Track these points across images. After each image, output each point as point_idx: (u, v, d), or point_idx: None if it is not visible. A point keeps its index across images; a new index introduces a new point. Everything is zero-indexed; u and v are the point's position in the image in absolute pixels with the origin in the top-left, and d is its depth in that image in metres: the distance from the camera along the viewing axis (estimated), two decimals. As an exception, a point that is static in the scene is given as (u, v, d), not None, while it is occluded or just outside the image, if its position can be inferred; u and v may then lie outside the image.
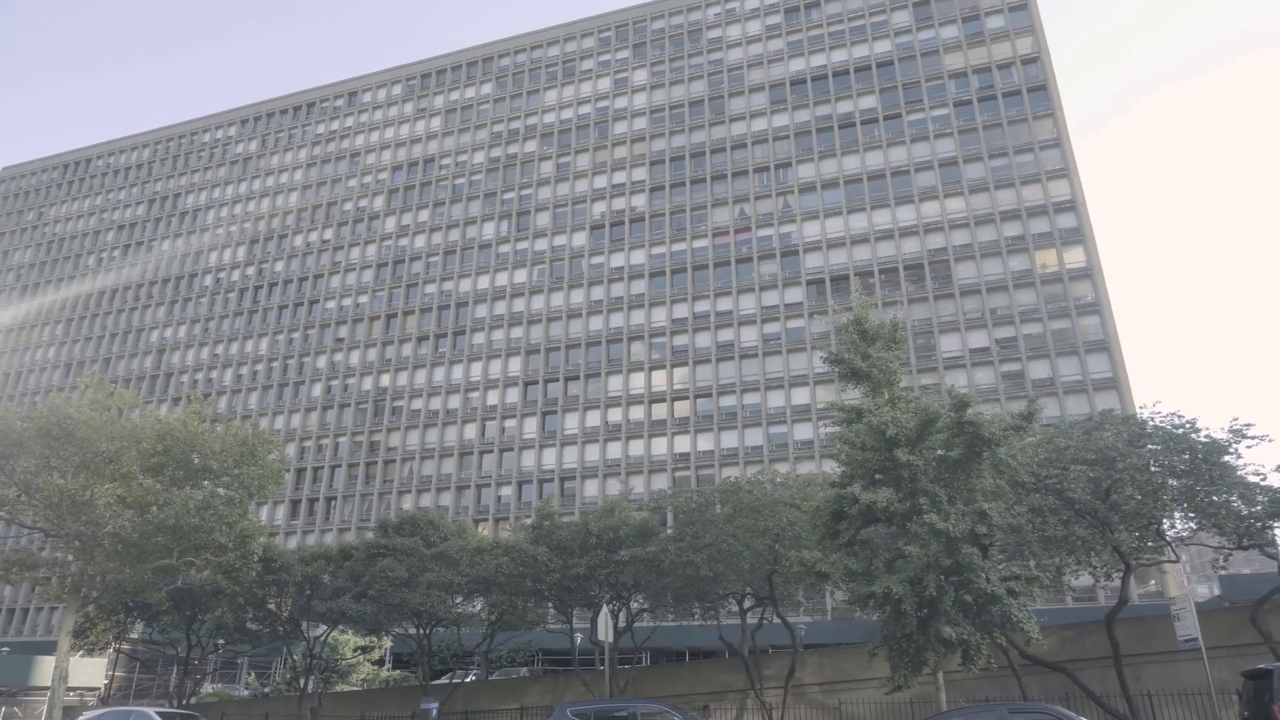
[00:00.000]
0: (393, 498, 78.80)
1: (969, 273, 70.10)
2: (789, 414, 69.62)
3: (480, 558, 28.28)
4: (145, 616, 32.37)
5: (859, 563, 19.66)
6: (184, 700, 33.98)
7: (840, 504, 19.91)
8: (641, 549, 24.68)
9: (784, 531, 25.08)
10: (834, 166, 77.70)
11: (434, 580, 26.73)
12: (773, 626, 31.30)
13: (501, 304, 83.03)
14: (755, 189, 79.21)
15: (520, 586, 26.47)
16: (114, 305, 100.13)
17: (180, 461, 28.17)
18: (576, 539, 26.43)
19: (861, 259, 73.43)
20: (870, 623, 56.53)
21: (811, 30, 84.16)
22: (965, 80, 76.75)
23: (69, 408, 26.23)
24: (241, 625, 34.92)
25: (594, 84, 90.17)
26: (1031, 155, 71.96)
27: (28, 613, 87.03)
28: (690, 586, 25.28)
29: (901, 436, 19.23)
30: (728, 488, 26.35)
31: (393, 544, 28.04)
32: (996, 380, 65.73)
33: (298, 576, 29.58)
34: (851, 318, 22.82)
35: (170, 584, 31.47)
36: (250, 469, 27.80)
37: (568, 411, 76.34)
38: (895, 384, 21.84)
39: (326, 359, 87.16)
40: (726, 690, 28.66)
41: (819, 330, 70.94)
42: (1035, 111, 73.27)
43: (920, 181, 74.40)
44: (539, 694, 30.20)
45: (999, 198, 71.53)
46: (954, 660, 21.23)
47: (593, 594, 26.46)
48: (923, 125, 76.33)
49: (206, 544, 27.44)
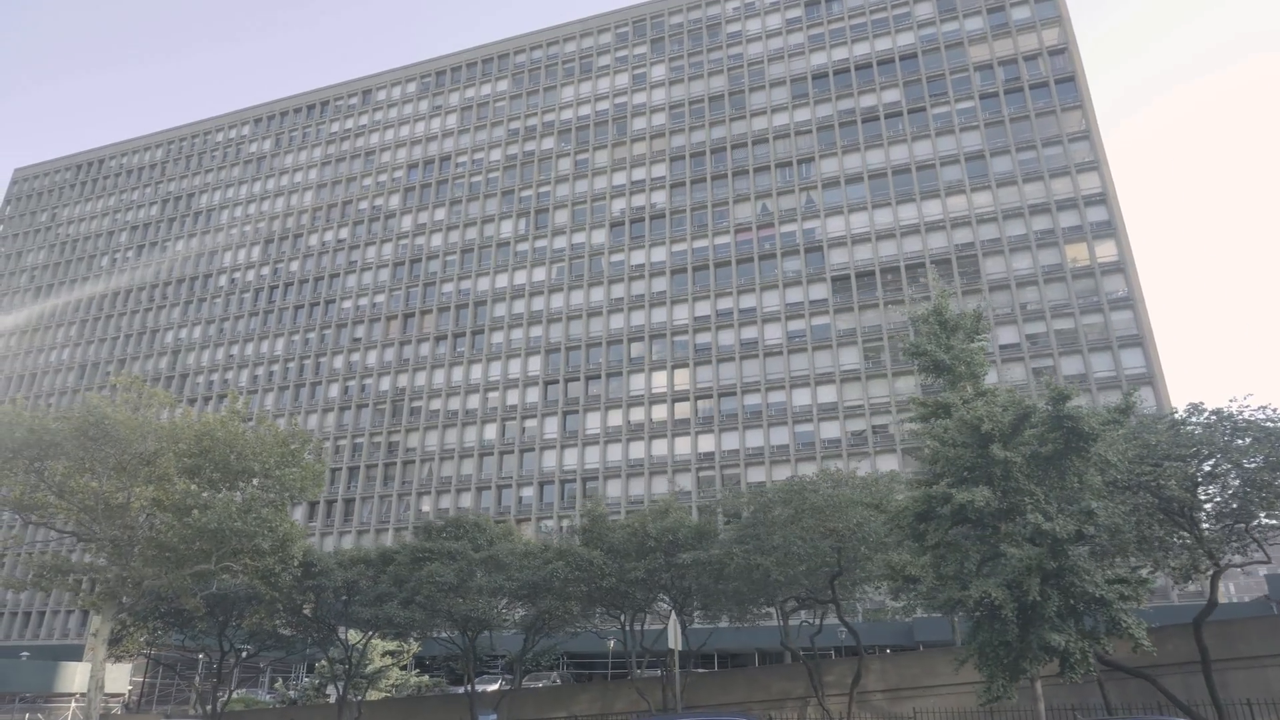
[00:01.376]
0: (412, 499, 77.88)
1: (998, 267, 68.92)
2: (815, 412, 68.53)
3: (527, 561, 27.30)
4: (178, 623, 31.43)
5: (949, 565, 18.60)
6: (217, 708, 33.04)
7: (929, 504, 18.84)
8: (704, 552, 23.65)
9: (851, 532, 24.04)
10: (857, 161, 76.59)
11: (485, 585, 25.75)
12: (819, 630, 30.20)
13: (520, 303, 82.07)
14: (777, 184, 78.13)
15: (575, 591, 25.46)
16: (128, 306, 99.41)
17: (218, 463, 27.22)
18: (631, 542, 25.41)
19: (887, 254, 72.30)
20: (899, 624, 55.54)
21: (832, 23, 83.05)
22: (991, 72, 75.58)
23: (106, 407, 25.29)
24: (273, 631, 33.97)
25: (612, 80, 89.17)
26: (1060, 148, 70.77)
27: (44, 616, 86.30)
28: (757, 590, 24.28)
29: (996, 432, 18.17)
30: (791, 488, 25.32)
31: (439, 547, 27.05)
32: (1027, 376, 64.51)
33: (337, 581, 28.61)
34: (930, 308, 21.73)
35: (205, 589, 30.51)
36: (291, 470, 26.83)
37: (589, 411, 75.34)
38: (981, 377, 20.78)
39: (343, 359, 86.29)
40: (785, 697, 27.61)
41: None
42: (1063, 103, 72.07)
43: (946, 175, 73.26)
44: (588, 701, 29.19)
45: (1027, 191, 70.36)
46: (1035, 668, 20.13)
47: (650, 598, 25.47)
48: (948, 119, 75.18)
49: (246, 548, 26.48)
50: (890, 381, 67.83)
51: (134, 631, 32.05)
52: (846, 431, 67.36)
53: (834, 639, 46.60)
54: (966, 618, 19.72)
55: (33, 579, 27.00)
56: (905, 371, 67.76)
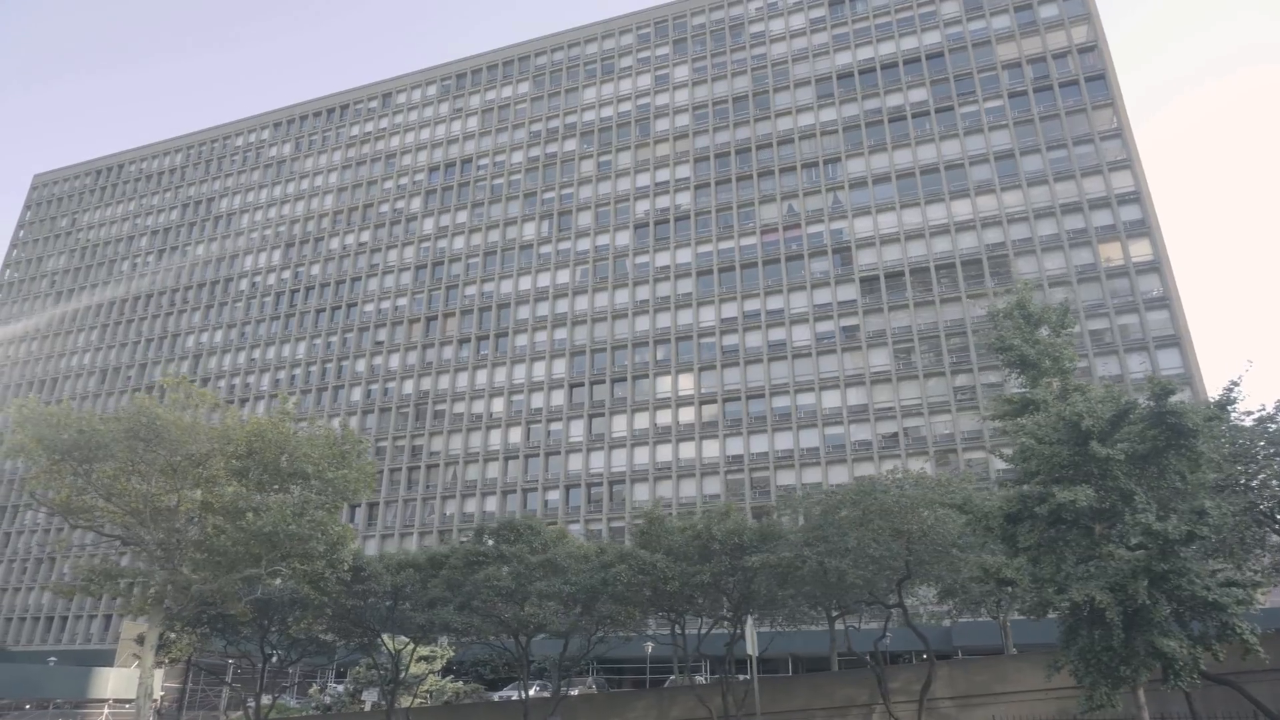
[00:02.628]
0: (436, 503, 77.38)
1: (1029, 267, 68.06)
2: (845, 414, 67.74)
3: (582, 564, 26.66)
4: (223, 628, 30.84)
5: (1045, 567, 17.87)
6: (260, 714, 32.47)
7: (1024, 503, 18.12)
8: (772, 554, 22.97)
9: (923, 534, 23.32)
10: (885, 161, 75.87)
11: (545, 590, 25.10)
12: (884, 635, 29.43)
13: (544, 305, 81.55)
14: (804, 185, 77.46)
15: (637, 595, 24.82)
16: (149, 310, 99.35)
17: (266, 464, 26.68)
18: (693, 545, 24.74)
19: (916, 255, 71.51)
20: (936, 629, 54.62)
21: (857, 23, 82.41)
22: (1019, 71, 74.78)
23: (157, 407, 24.77)
24: (314, 637, 33.41)
25: (634, 81, 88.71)
26: (1091, 146, 69.90)
27: (67, 621, 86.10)
28: (830, 593, 23.59)
29: (1095, 428, 17.46)
30: (860, 489, 24.61)
31: (496, 551, 26.43)
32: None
33: (387, 585, 28.01)
34: (1014, 301, 21.05)
35: (250, 594, 29.97)
36: (342, 472, 26.27)
37: (615, 414, 74.72)
38: (1069, 372, 20.06)
39: (366, 362, 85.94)
40: (849, 705, 26.87)
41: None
42: (1094, 101, 71.22)
43: (975, 175, 72.47)
44: (644, 708, 28.50)
45: (1059, 190, 69.50)
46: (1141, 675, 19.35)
47: (714, 603, 24.80)
48: (976, 117, 74.41)
49: (297, 552, 25.92)
50: (922, 383, 67.00)
51: (185, 638, 31.46)
52: (877, 434, 66.55)
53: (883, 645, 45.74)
54: (1059, 622, 18.95)
55: (82, 584, 26.50)
56: (936, 372, 66.99)
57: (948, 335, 67.75)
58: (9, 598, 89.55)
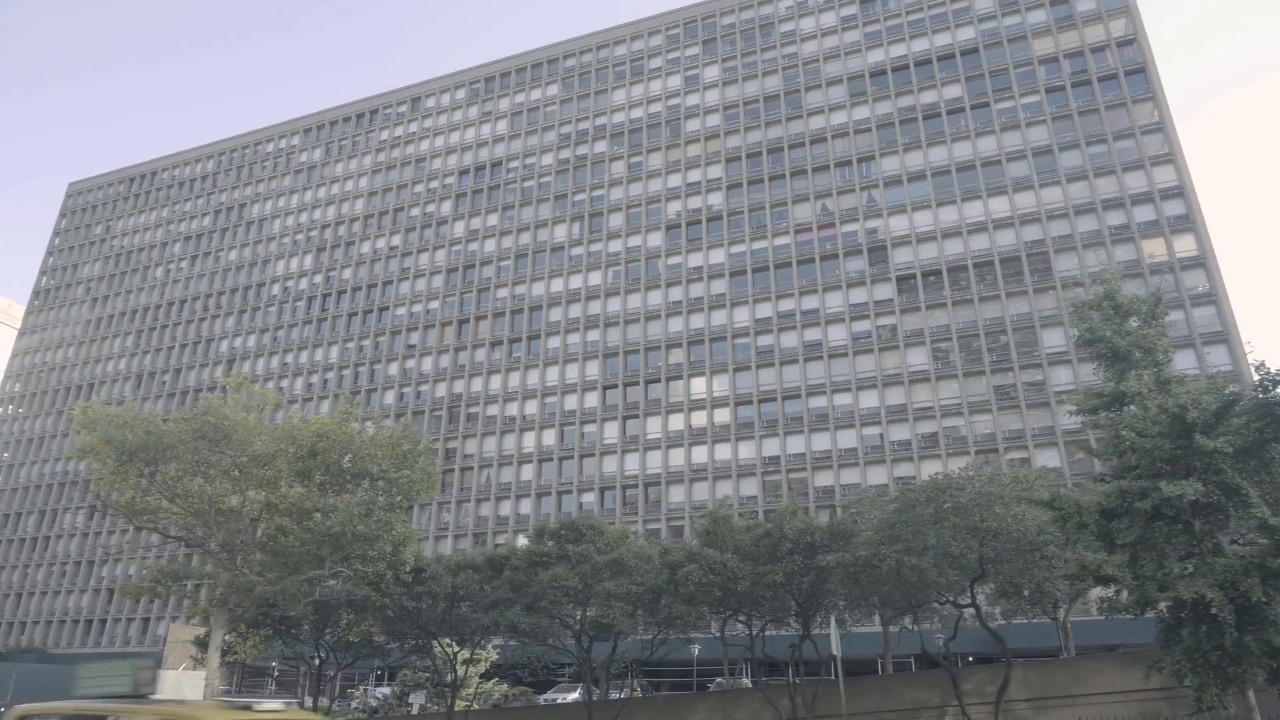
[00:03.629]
0: (470, 505, 77.38)
1: (1070, 264, 67.13)
2: (883, 414, 67.06)
3: (646, 564, 26.36)
4: (285, 630, 30.77)
5: (1146, 564, 17.36)
6: (316, 717, 32.34)
7: (1123, 498, 17.62)
8: (849, 553, 22.56)
9: (1005, 532, 22.81)
10: (920, 158, 75.17)
11: (613, 590, 24.82)
12: (954, 636, 28.89)
13: (576, 307, 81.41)
14: (837, 184, 76.88)
15: (707, 596, 24.49)
16: (183, 316, 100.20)
17: (328, 465, 26.58)
18: (763, 544, 24.37)
19: (954, 253, 70.76)
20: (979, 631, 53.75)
21: (889, 20, 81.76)
22: (1056, 65, 73.87)
23: (225, 408, 24.75)
24: (369, 639, 33.28)
25: (663, 82, 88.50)
26: (1132, 141, 68.89)
27: (104, 624, 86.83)
28: (909, 592, 23.17)
29: (1200, 421, 16.95)
30: (936, 486, 24.15)
31: (560, 551, 26.19)
32: (1104, 376, 62.57)
33: (447, 587, 27.81)
34: (1102, 291, 20.53)
35: (309, 596, 29.89)
36: (406, 472, 26.13)
37: (649, 415, 74.42)
38: (1164, 364, 19.54)
39: (398, 366, 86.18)
40: (920, 707, 26.37)
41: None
42: (1134, 95, 70.20)
43: (1013, 171, 71.62)
44: (706, 711, 28.13)
45: (1099, 186, 68.53)
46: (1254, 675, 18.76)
47: (785, 603, 24.43)
48: (1013, 113, 73.56)
49: (359, 553, 25.79)
50: (961, 382, 66.24)
51: (247, 638, 31.45)
52: (916, 434, 65.84)
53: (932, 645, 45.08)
54: (1157, 621, 18.44)
55: (149, 585, 26.51)
56: (976, 371, 66.21)
57: (987, 334, 66.96)
58: (49, 601, 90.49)
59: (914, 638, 40.04)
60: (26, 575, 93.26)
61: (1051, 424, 62.76)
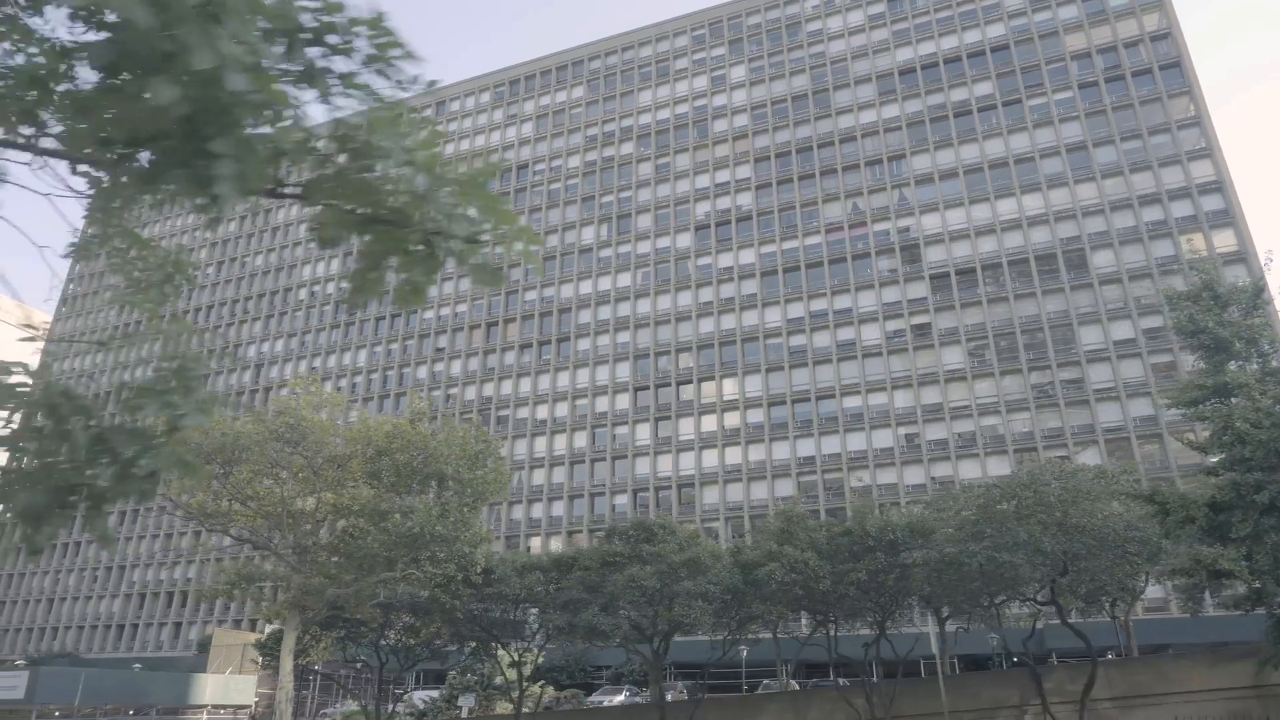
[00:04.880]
0: (503, 508, 77.24)
1: (1107, 261, 66.60)
2: (919, 414, 66.64)
3: (718, 563, 26.17)
4: (350, 633, 30.66)
5: (1263, 558, 17.05)
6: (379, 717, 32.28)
7: (1237, 492, 17.33)
8: (935, 551, 22.31)
9: (1096, 527, 22.48)
10: (951, 156, 74.76)
11: (692, 589, 24.62)
12: (1032, 634, 28.53)
13: (606, 309, 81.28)
14: (868, 182, 76.54)
15: (788, 595, 24.26)
16: (210, 321, 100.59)
17: (399, 466, 26.49)
18: (843, 542, 24.14)
19: (987, 250, 70.32)
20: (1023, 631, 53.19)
21: (917, 18, 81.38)
22: (1089, 61, 73.33)
23: (301, 409, 24.70)
24: (429, 641, 33.15)
25: (690, 83, 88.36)
26: (1168, 135, 68.31)
27: (137, 629, 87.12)
28: (998, 589, 22.90)
29: (1319, 413, 16.66)
30: (1019, 482, 23.86)
31: (633, 551, 25.99)
32: (1146, 373, 62.17)
33: (516, 589, 27.67)
34: (1201, 282, 20.24)
35: (374, 599, 29.78)
36: (479, 473, 26.02)
37: (681, 417, 74.20)
38: (1270, 354, 19.24)
39: (427, 369, 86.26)
40: (997, 706, 26.06)
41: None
42: (1169, 90, 69.61)
43: (1046, 168, 71.12)
44: (777, 711, 27.90)
45: (1135, 181, 67.96)
46: None
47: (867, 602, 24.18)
48: (1045, 110, 73.05)
49: (431, 555, 25.67)
50: (998, 380, 65.77)
51: (324, 642, 31.37)
52: (954, 433, 65.40)
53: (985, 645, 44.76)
54: (1267, 616, 18.14)
55: (223, 586, 26.47)
56: (1013, 369, 65.73)
57: (1023, 332, 66.47)
58: (80, 606, 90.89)
59: (968, 640, 39.72)
60: (58, 581, 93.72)
61: (1091, 422, 62.19)
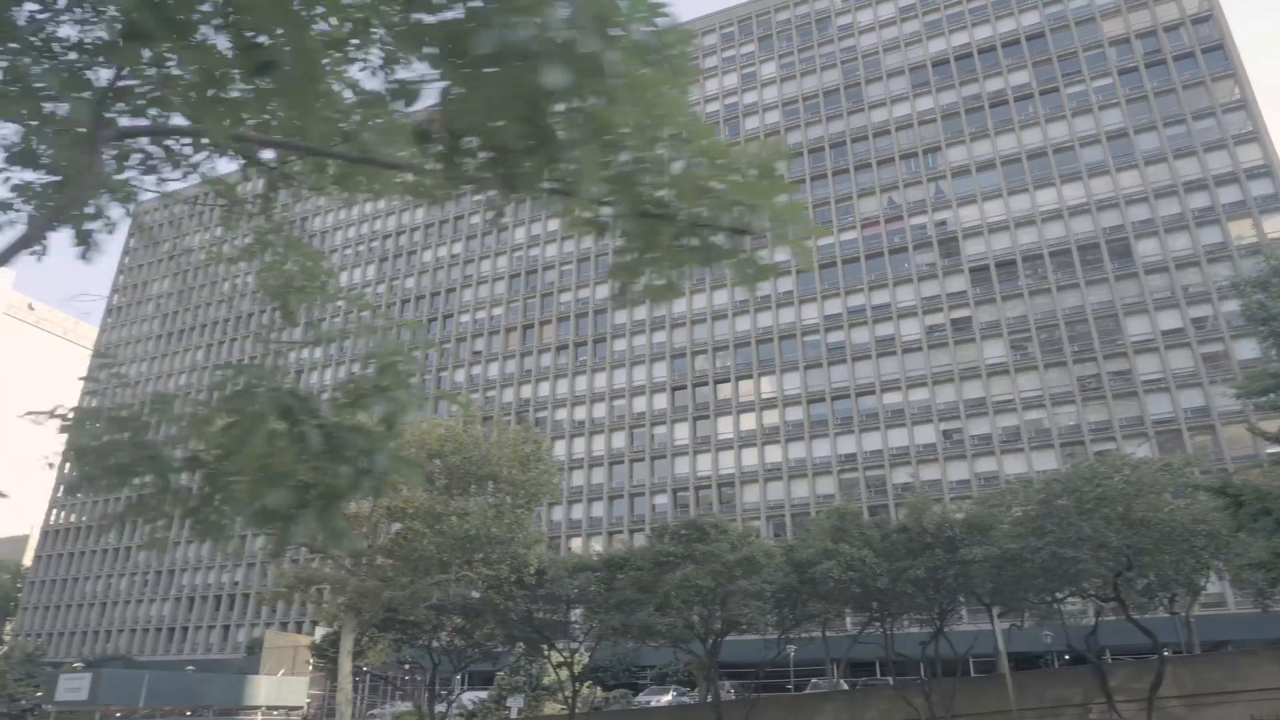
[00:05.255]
0: (543, 510, 77.40)
1: (1152, 249, 65.35)
2: (962, 409, 65.88)
3: (771, 561, 26.07)
4: (406, 635, 31.04)
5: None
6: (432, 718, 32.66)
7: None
8: (996, 547, 22.03)
9: (1151, 521, 22.06)
10: (988, 147, 73.79)
11: (748, 589, 24.56)
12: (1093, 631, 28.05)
13: (641, 309, 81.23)
14: (903, 176, 75.82)
15: (845, 593, 24.11)
16: (250, 329, 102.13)
17: (450, 468, 26.70)
18: (899, 539, 23.93)
19: (1027, 242, 69.31)
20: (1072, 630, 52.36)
21: (949, 8, 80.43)
22: (1128, 46, 71.99)
23: (359, 413, 24.98)
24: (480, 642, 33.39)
25: (720, 81, 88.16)
26: (1213, 120, 66.84)
27: (186, 632, 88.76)
28: (1061, 584, 22.58)
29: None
30: (1080, 476, 23.46)
31: (686, 551, 25.98)
32: (1196, 363, 60.91)
33: (569, 589, 27.79)
34: (1270, 267, 19.78)
35: (426, 601, 30.05)
36: (531, 474, 26.17)
37: (720, 415, 74.04)
38: (1346, 343, 18.75)
39: (464, 372, 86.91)
40: (1061, 705, 25.70)
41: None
42: (1213, 73, 68.12)
43: (1087, 157, 69.93)
44: (833, 710, 27.75)
45: (1179, 168, 66.60)
46: None
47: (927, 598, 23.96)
48: (1084, 97, 71.84)
49: (484, 556, 25.84)
50: (1041, 373, 64.79)
51: (380, 643, 31.79)
52: (997, 427, 64.55)
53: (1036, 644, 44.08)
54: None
55: (283, 590, 26.87)
56: (1057, 362, 64.73)
57: (1067, 324, 65.43)
58: (132, 609, 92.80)
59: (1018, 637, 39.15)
60: (110, 585, 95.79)
61: (1140, 414, 61.06)
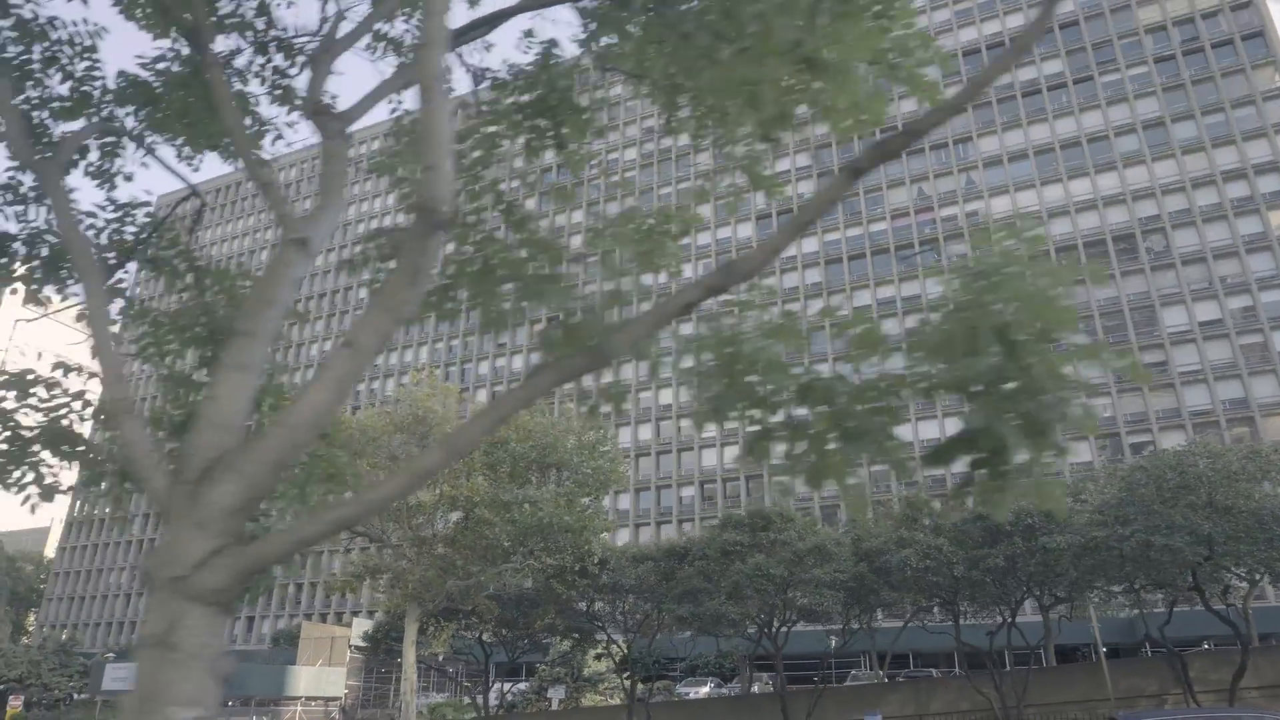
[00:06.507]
0: (570, 502, 77.48)
1: (1190, 240, 64.64)
2: (995, 400, 65.28)
3: (841, 550, 25.78)
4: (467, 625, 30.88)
5: None
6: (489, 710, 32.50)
7: None
8: (1080, 535, 21.68)
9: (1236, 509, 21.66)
10: (1020, 137, 73.13)
11: (821, 578, 24.29)
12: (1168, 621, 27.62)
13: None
14: (934, 166, 75.21)
15: (921, 582, 23.82)
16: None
17: (514, 456, 26.47)
18: (975, 527, 23.59)
19: (1062, 232, 68.65)
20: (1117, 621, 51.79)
21: (980, -3, 79.65)
22: (1165, 34, 71.16)
23: (426, 400, 24.80)
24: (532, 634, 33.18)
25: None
26: (1253, 108, 66.01)
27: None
28: (1151, 573, 22.24)
29: None
30: (1163, 462, 23.07)
31: (754, 539, 25.73)
32: (1235, 354, 60.27)
33: (631, 578, 27.53)
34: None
35: (484, 591, 29.86)
36: (597, 463, 25.94)
37: (748, 407, 73.58)
38: None
39: (489, 364, 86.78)
40: (1135, 695, 25.34)
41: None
42: (1252, 60, 67.27)
43: (1122, 146, 69.21)
44: (899, 702, 27.46)
45: (1217, 157, 65.82)
46: None
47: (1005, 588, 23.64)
48: (1119, 86, 71.07)
49: (545, 545, 25.63)
50: (1075, 365, 64.07)
51: (445, 633, 31.63)
52: (1031, 419, 63.97)
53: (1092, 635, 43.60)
54: None
55: (346, 580, 26.74)
56: (1093, 354, 64.05)
57: (1102, 314, 64.80)
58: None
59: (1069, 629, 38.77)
60: (135, 576, 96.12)
61: (1177, 405, 60.48)
